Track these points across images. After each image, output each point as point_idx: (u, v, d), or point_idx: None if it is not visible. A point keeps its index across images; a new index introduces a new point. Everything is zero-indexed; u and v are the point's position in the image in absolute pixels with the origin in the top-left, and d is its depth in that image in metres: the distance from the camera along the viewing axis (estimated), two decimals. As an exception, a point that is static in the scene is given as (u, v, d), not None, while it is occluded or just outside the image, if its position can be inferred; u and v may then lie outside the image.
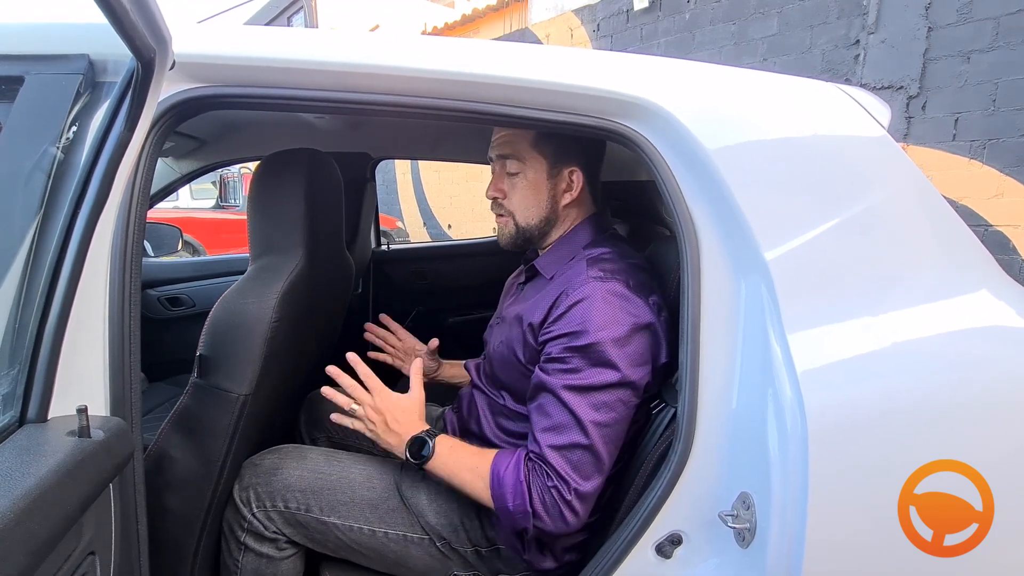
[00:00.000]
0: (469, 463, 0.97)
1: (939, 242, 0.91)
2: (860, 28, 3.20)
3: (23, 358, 0.61)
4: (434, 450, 0.96)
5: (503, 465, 0.94)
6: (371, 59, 0.84)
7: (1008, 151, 2.71)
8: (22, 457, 0.54)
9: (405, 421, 0.99)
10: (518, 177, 1.07)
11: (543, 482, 0.91)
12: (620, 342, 0.90)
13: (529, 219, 1.08)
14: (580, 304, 0.92)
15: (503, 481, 0.93)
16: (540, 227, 1.09)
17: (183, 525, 1.01)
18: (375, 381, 1.01)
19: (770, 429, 0.80)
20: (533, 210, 1.08)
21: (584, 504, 0.91)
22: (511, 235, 1.10)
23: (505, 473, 0.93)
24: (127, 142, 0.64)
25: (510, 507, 0.92)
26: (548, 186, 1.07)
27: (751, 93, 0.92)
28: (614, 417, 0.91)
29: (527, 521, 0.91)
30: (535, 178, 1.06)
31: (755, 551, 0.81)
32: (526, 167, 1.06)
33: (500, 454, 0.97)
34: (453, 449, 0.98)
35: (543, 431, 0.92)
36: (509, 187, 1.08)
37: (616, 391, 0.91)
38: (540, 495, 0.91)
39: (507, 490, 0.92)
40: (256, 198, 1.10)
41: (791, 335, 0.81)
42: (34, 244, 0.63)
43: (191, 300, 2.12)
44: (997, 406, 0.83)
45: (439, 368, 1.41)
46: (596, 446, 0.90)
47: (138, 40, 0.54)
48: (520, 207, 1.08)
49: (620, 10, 4.63)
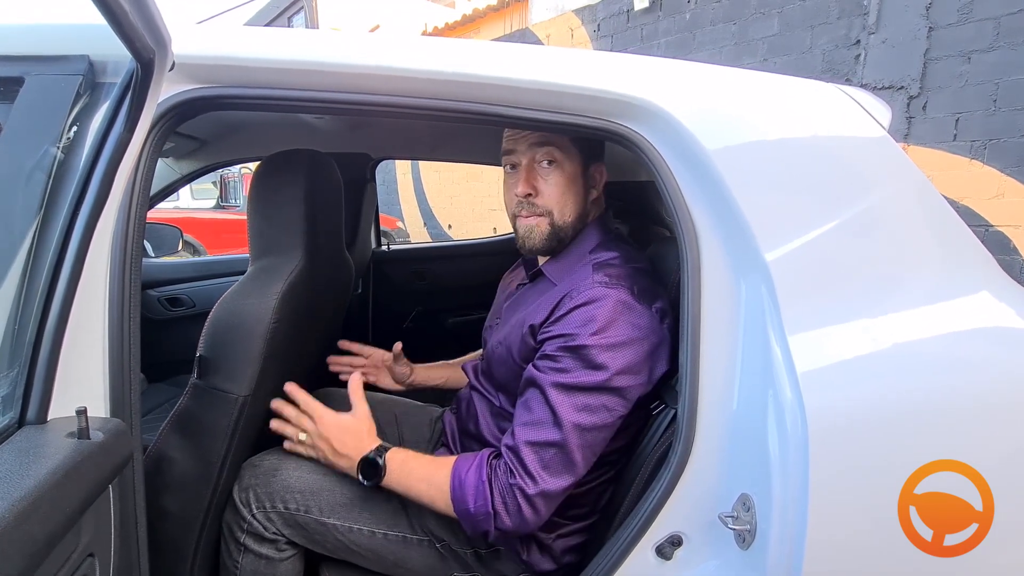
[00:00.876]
0: (423, 475, 0.97)
1: (939, 243, 0.91)
2: (861, 28, 3.20)
3: (22, 359, 0.61)
4: (385, 468, 0.96)
5: (464, 468, 0.94)
6: (372, 60, 0.84)
7: (1009, 151, 2.72)
8: (21, 459, 0.54)
9: (352, 443, 1.00)
10: (555, 170, 1.00)
11: (506, 480, 0.90)
12: (614, 348, 0.90)
13: (566, 216, 1.02)
14: (582, 308, 0.92)
15: (464, 483, 0.92)
16: (575, 226, 1.03)
17: (182, 526, 1.01)
18: (316, 408, 1.01)
19: (770, 430, 0.80)
20: (571, 206, 1.02)
21: (546, 504, 0.91)
22: (544, 237, 1.02)
23: (467, 475, 0.93)
24: (127, 143, 0.64)
25: (471, 509, 0.91)
26: (583, 181, 1.03)
27: (751, 94, 0.92)
28: (595, 422, 0.90)
29: (489, 523, 0.91)
30: (573, 171, 1.02)
31: (755, 552, 0.80)
32: (566, 158, 1.01)
33: (461, 458, 0.97)
34: (405, 463, 0.98)
35: (522, 425, 0.92)
36: (543, 181, 1.01)
37: (601, 395, 0.90)
38: (501, 494, 0.90)
39: (468, 492, 0.92)
40: (256, 199, 1.10)
41: (791, 336, 0.81)
42: (34, 245, 0.63)
43: (191, 301, 2.12)
44: (997, 407, 0.83)
45: (412, 373, 1.40)
46: (571, 447, 0.89)
47: (137, 42, 0.54)
48: (558, 202, 1.01)
49: (620, 10, 4.64)
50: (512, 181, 1.05)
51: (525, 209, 1.03)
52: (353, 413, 1.02)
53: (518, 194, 1.02)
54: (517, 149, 1.03)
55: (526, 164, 1.02)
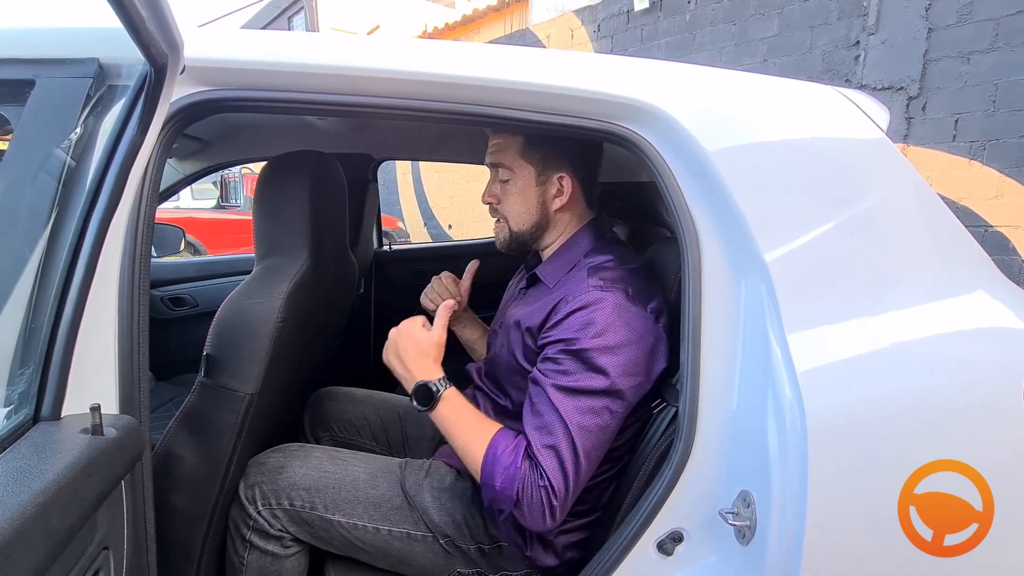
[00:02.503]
0: (468, 428, 0.97)
1: (937, 243, 0.92)
2: (860, 29, 3.21)
3: (37, 357, 0.62)
4: (439, 401, 0.97)
5: (501, 444, 0.94)
6: (376, 63, 0.85)
7: (1008, 152, 2.73)
8: (39, 454, 0.55)
9: (417, 360, 1.00)
10: (508, 184, 1.10)
11: (535, 480, 0.91)
12: (613, 351, 0.91)
13: (521, 224, 1.11)
14: (579, 312, 0.94)
15: (498, 459, 0.93)
16: (532, 232, 1.12)
17: (189, 523, 1.02)
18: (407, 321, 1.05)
19: (770, 428, 0.81)
20: (524, 216, 1.10)
21: (563, 509, 0.92)
22: (505, 239, 1.14)
23: (502, 453, 0.93)
24: (139, 145, 0.65)
25: (497, 485, 0.92)
26: (537, 193, 1.09)
27: (750, 96, 0.93)
28: (598, 424, 0.92)
29: (508, 504, 0.92)
30: (524, 185, 1.09)
31: (755, 548, 0.82)
32: (515, 175, 1.09)
33: (502, 432, 0.97)
34: (458, 409, 0.98)
35: (533, 429, 0.93)
36: (501, 194, 1.11)
37: (603, 398, 0.92)
38: (529, 490, 0.91)
39: (498, 469, 0.92)
40: (262, 200, 1.11)
41: (791, 335, 0.82)
42: (47, 244, 0.64)
43: (194, 300, 2.13)
44: (995, 406, 0.84)
45: (461, 315, 1.40)
46: (580, 449, 0.91)
47: (152, 47, 0.55)
48: (512, 213, 1.11)
49: (621, 11, 4.64)
50: None
51: (492, 213, 1.15)
52: (430, 334, 1.03)
53: (483, 202, 1.15)
54: (487, 161, 1.14)
55: (492, 175, 1.13)
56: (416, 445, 1.33)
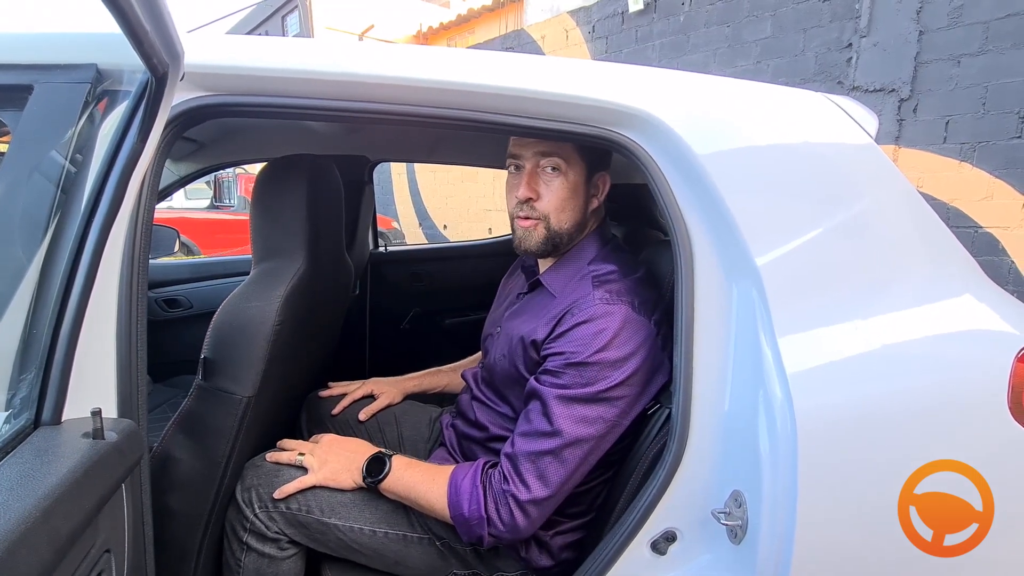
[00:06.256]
0: (423, 478, 1.01)
1: (925, 247, 0.93)
2: (853, 31, 3.24)
3: (38, 362, 0.62)
4: (391, 467, 1.02)
5: (461, 475, 0.98)
6: (373, 70, 0.86)
7: (998, 154, 2.75)
8: (41, 458, 0.55)
9: (356, 447, 1.08)
10: (558, 177, 1.02)
11: (499, 487, 0.93)
12: (615, 364, 0.92)
13: (562, 223, 1.03)
14: (584, 325, 0.94)
15: (460, 488, 0.96)
16: (571, 232, 1.05)
17: (186, 525, 1.02)
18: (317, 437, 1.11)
19: (761, 429, 0.82)
20: (568, 213, 1.03)
21: (539, 511, 0.93)
22: (539, 241, 1.04)
23: (463, 481, 0.97)
24: (139, 152, 0.66)
25: (465, 513, 0.95)
26: (585, 190, 1.05)
27: (741, 102, 0.94)
28: (592, 434, 0.93)
29: (482, 528, 0.94)
30: (576, 180, 1.03)
31: (746, 547, 0.83)
32: (569, 169, 1.02)
33: (459, 466, 1.01)
34: (409, 465, 1.03)
35: (522, 435, 0.95)
36: (545, 187, 1.03)
37: (600, 407, 0.93)
38: (495, 500, 0.93)
39: (463, 497, 0.95)
40: (259, 204, 1.12)
41: (781, 338, 0.83)
42: (47, 250, 0.65)
43: (189, 302, 2.12)
44: (984, 407, 0.85)
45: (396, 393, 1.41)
46: (567, 458, 0.92)
47: (155, 57, 0.56)
48: (556, 209, 1.03)
49: (615, 12, 4.66)
50: (515, 183, 1.05)
51: (523, 211, 1.04)
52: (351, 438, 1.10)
53: (519, 197, 1.03)
54: (523, 154, 1.04)
55: (530, 168, 1.03)
56: (412, 445, 1.34)
